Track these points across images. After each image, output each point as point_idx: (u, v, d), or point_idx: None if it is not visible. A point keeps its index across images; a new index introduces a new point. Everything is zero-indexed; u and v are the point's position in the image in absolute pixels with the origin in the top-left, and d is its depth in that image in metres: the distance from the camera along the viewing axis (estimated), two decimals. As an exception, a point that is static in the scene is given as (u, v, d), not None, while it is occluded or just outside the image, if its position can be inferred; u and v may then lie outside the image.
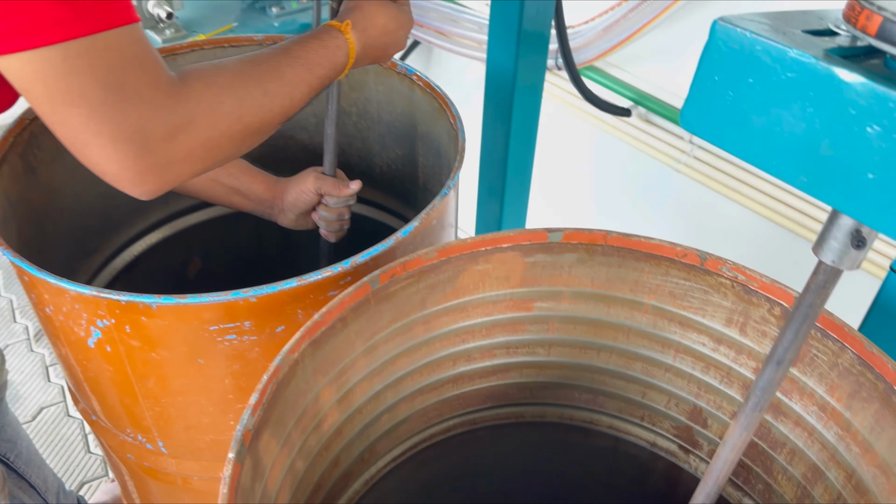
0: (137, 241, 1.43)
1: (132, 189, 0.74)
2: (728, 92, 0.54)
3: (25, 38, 0.63)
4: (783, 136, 0.51)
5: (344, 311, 0.83)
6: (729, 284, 0.88)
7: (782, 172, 0.52)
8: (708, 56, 0.54)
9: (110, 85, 0.68)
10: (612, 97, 1.72)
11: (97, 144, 0.69)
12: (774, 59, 0.50)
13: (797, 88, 0.50)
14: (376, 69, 1.30)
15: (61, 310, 0.89)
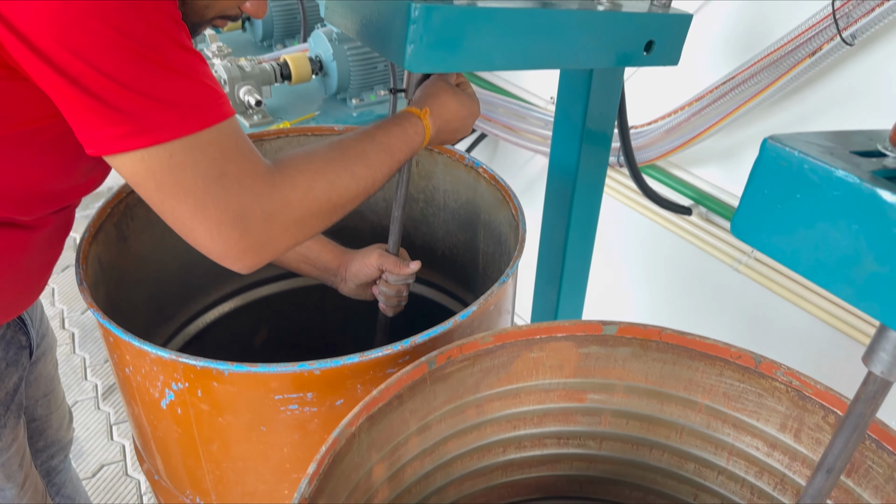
0: (211, 310, 1.51)
1: (234, 265, 0.83)
2: (777, 205, 0.57)
3: (136, 139, 0.72)
4: (829, 249, 0.54)
5: (401, 389, 0.87)
6: (783, 389, 0.89)
7: (828, 283, 0.55)
8: (758, 171, 0.58)
9: (213, 176, 0.76)
10: (673, 195, 1.75)
11: (203, 229, 0.78)
12: (821, 177, 0.54)
13: (842, 206, 0.53)
14: (445, 160, 1.38)
15: (140, 371, 0.95)
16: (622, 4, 1.18)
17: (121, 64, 0.68)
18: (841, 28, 1.26)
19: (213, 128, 0.76)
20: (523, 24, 1.02)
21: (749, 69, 1.43)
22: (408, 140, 1.00)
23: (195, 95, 0.74)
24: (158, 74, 0.71)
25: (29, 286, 1.03)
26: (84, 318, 2.59)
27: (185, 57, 0.73)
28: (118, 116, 0.70)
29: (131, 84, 0.69)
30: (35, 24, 0.66)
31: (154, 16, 0.70)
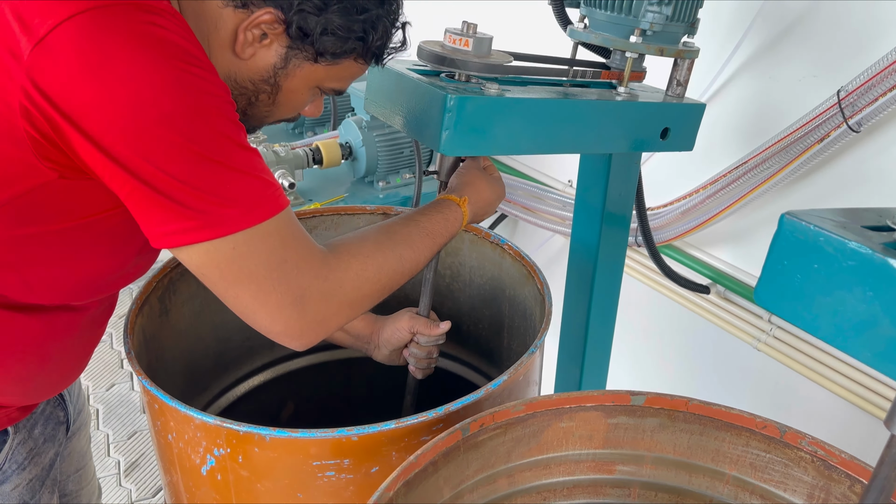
0: (242, 383, 1.55)
1: (292, 343, 0.90)
2: (796, 275, 0.62)
3: (202, 233, 0.79)
4: (847, 315, 0.59)
5: (436, 455, 0.90)
6: (809, 459, 0.91)
7: (848, 347, 0.59)
8: (777, 244, 0.63)
9: (274, 263, 0.83)
10: (690, 275, 1.80)
11: (265, 312, 0.85)
12: (836, 248, 0.59)
13: (857, 275, 0.58)
14: (471, 238, 1.44)
15: (183, 437, 0.99)
16: (638, 95, 1.26)
17: (187, 166, 0.76)
18: (847, 116, 1.34)
19: (272, 219, 0.83)
20: (547, 113, 1.10)
21: (761, 154, 1.50)
22: (448, 226, 1.08)
23: (255, 190, 0.81)
24: (221, 173, 0.78)
25: (73, 365, 1.07)
26: (108, 395, 2.62)
27: (244, 155, 0.81)
28: (186, 212, 0.77)
29: (197, 183, 0.77)
30: (109, 132, 0.73)
31: (217, 121, 0.78)
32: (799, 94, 1.48)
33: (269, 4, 0.85)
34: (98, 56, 0.71)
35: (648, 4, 1.18)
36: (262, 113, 0.98)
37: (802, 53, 1.47)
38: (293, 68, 0.92)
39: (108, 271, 0.96)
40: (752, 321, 1.69)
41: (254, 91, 0.93)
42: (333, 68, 0.94)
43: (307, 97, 0.98)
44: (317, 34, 0.88)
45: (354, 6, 0.88)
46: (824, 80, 1.43)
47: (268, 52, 0.90)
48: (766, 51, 1.53)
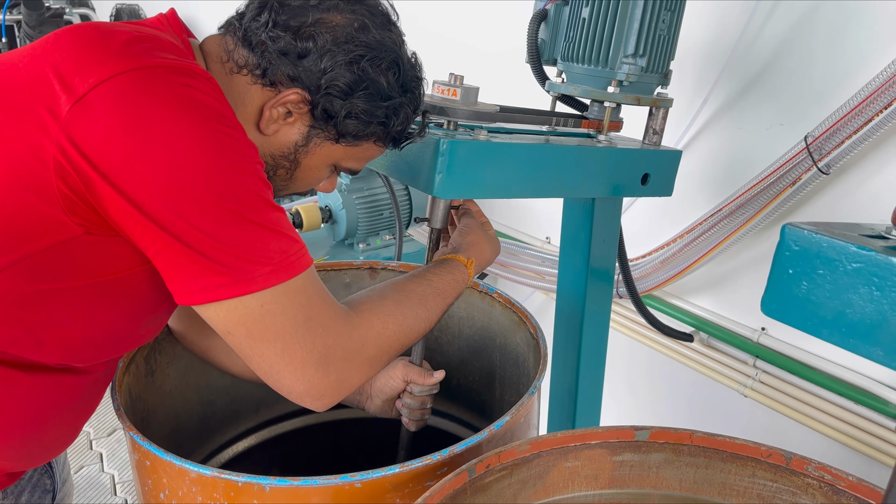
0: (227, 448, 1.49)
1: (314, 404, 0.89)
2: (801, 282, 0.64)
3: (230, 290, 0.79)
4: (855, 316, 0.60)
5: (444, 499, 0.87)
6: (816, 485, 0.90)
7: (859, 348, 0.60)
8: (781, 253, 0.65)
9: (300, 321, 0.83)
10: (673, 323, 1.82)
11: (289, 370, 0.85)
12: (839, 252, 0.61)
13: (862, 276, 0.60)
14: (460, 290, 1.44)
15: (177, 493, 0.95)
16: (617, 143, 1.31)
17: (221, 224, 0.76)
18: (816, 159, 1.40)
19: (299, 277, 0.83)
20: (534, 158, 1.13)
21: (736, 200, 1.55)
22: (457, 286, 1.10)
23: (283, 248, 0.82)
24: (253, 231, 0.79)
25: (68, 431, 1.04)
26: (77, 477, 2.51)
27: (273, 214, 0.82)
28: (217, 268, 0.77)
29: (229, 240, 0.77)
30: (145, 189, 0.74)
31: (249, 180, 0.79)
32: (768, 142, 1.55)
33: (296, 85, 0.88)
34: (136, 115, 0.73)
35: (624, 57, 1.24)
36: (278, 186, 1.00)
37: (769, 103, 1.54)
38: (314, 146, 0.94)
39: (120, 332, 0.95)
40: (737, 367, 1.71)
41: (273, 166, 0.95)
42: (352, 149, 0.96)
43: (324, 174, 1.00)
44: (341, 117, 0.90)
45: (380, 93, 0.91)
46: (791, 128, 1.50)
47: (291, 130, 0.92)
48: (733, 103, 1.61)
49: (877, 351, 0.59)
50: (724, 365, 1.73)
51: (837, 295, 0.61)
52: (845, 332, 0.61)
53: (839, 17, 1.40)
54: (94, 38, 0.76)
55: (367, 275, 1.52)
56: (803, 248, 0.63)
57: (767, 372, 1.64)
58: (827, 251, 0.62)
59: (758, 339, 1.64)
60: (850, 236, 0.63)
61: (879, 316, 0.58)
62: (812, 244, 0.63)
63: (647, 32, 1.22)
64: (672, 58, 1.30)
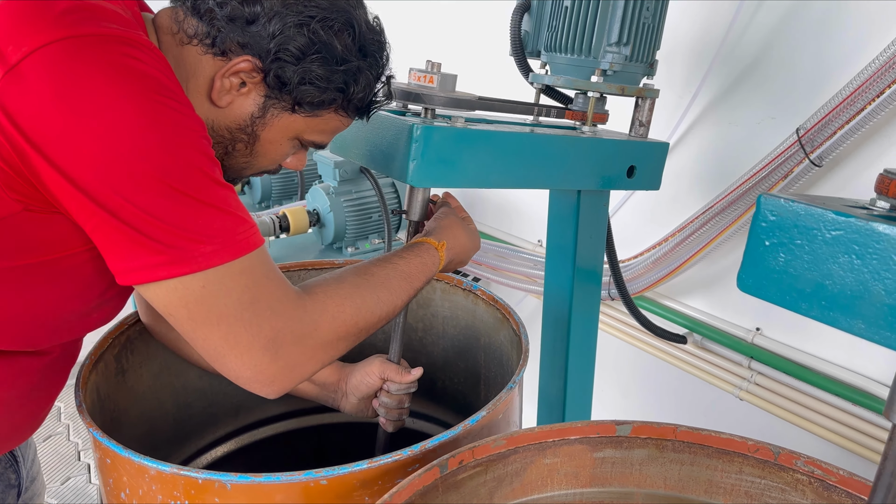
0: (204, 454, 1.45)
1: (263, 390, 0.84)
2: (780, 254, 0.60)
3: (169, 269, 0.75)
4: (835, 288, 0.56)
5: (412, 496, 0.83)
6: (806, 480, 0.86)
7: (840, 322, 0.56)
8: (757, 225, 0.61)
9: (245, 303, 0.79)
10: (665, 325, 1.77)
11: (234, 355, 0.80)
12: (817, 220, 0.57)
13: (842, 244, 0.56)
14: (443, 287, 1.40)
15: (137, 492, 0.90)
16: (602, 134, 1.27)
17: (158, 199, 0.73)
18: (808, 151, 1.36)
19: (245, 257, 0.79)
20: (514, 146, 1.10)
21: (727, 196, 1.52)
22: (425, 269, 1.05)
23: (228, 227, 0.78)
24: (194, 208, 0.75)
25: (29, 417, 1.00)
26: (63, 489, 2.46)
27: (218, 190, 0.78)
28: (155, 247, 0.74)
29: (168, 217, 0.74)
30: (78, 162, 0.70)
31: (191, 154, 0.76)
32: (759, 136, 1.51)
33: (246, 52, 0.84)
34: (70, 84, 0.70)
35: (607, 45, 1.21)
36: (239, 163, 0.96)
37: (759, 97, 1.51)
38: (271, 118, 0.90)
39: (67, 314, 0.91)
40: (731, 369, 1.66)
41: (230, 140, 0.92)
42: (314, 120, 0.92)
43: (286, 149, 0.96)
44: (294, 83, 0.86)
45: (334, 57, 0.87)
46: (782, 121, 1.47)
47: (245, 101, 0.89)
48: (724, 97, 1.57)
49: (858, 324, 0.55)
50: (718, 367, 1.69)
51: (816, 266, 0.57)
52: (825, 305, 0.57)
53: (827, 7, 1.37)
54: (29, 7, 0.73)
55: (350, 274, 1.48)
56: (780, 217, 0.60)
57: (763, 373, 1.60)
58: (804, 219, 0.58)
59: (752, 339, 1.60)
60: (829, 203, 0.59)
61: (860, 286, 0.55)
62: (789, 213, 0.59)
63: (630, 20, 1.19)
64: (657, 47, 1.26)
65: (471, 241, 1.15)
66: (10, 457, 1.06)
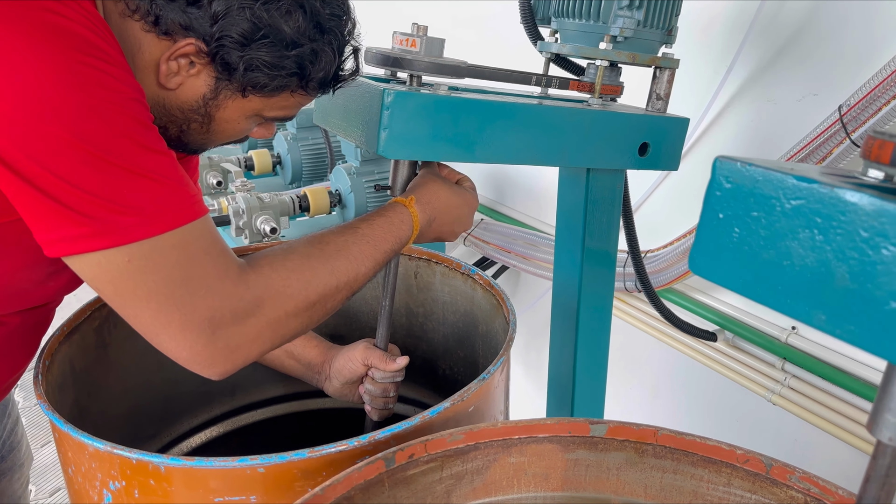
0: (196, 434, 1.42)
1: (203, 371, 0.79)
2: (734, 229, 0.50)
3: (92, 242, 0.70)
4: (794, 270, 0.46)
5: (351, 490, 0.76)
6: (801, 499, 0.75)
7: (798, 311, 0.46)
8: (711, 194, 0.52)
9: (177, 280, 0.73)
10: (695, 321, 1.65)
11: (167, 334, 0.75)
12: (776, 187, 0.47)
13: (803, 216, 0.46)
14: (442, 270, 1.33)
15: (80, 469, 0.87)
16: (613, 107, 1.17)
17: (78, 167, 0.68)
18: (849, 131, 1.22)
19: (178, 230, 0.74)
20: (503, 117, 1.01)
21: (760, 180, 1.38)
22: (393, 230, 0.96)
23: (158, 197, 0.73)
24: (118, 177, 0.70)
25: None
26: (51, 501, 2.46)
27: (150, 159, 0.73)
28: (76, 218, 0.69)
29: (88, 186, 0.69)
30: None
31: (116, 119, 0.70)
32: (800, 115, 1.37)
33: (191, 35, 0.78)
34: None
35: (618, 9, 1.10)
36: (197, 140, 0.91)
37: (800, 73, 1.37)
38: (224, 99, 0.85)
39: (20, 282, 0.87)
40: (764, 370, 1.52)
41: (184, 119, 0.86)
42: (272, 99, 0.87)
43: (246, 125, 0.91)
44: (241, 70, 0.80)
45: (283, 41, 0.80)
46: (825, 98, 1.32)
47: (196, 82, 0.83)
48: (762, 73, 1.44)
49: (818, 315, 0.45)
50: (750, 368, 1.55)
51: (774, 242, 0.47)
52: (782, 290, 0.47)
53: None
54: None
55: (349, 254, 1.42)
56: (735, 185, 0.49)
57: (797, 376, 1.46)
58: (762, 187, 0.48)
59: (787, 338, 1.46)
60: (799, 168, 0.48)
61: (822, 268, 0.44)
62: (745, 179, 0.49)
63: (643, -19, 1.08)
64: (677, 12, 1.15)
65: (456, 195, 1.04)
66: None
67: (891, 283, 0.41)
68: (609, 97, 1.20)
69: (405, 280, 1.38)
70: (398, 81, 1.04)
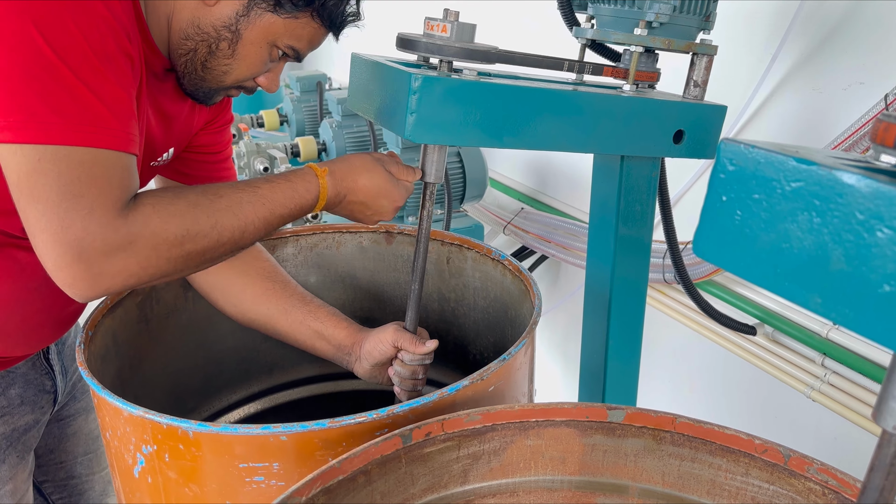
0: (235, 409, 1.47)
1: (64, 288, 0.82)
2: (736, 212, 0.50)
3: (10, 134, 0.75)
4: (793, 252, 0.46)
5: (368, 464, 0.79)
6: (819, 491, 0.74)
7: (796, 294, 0.46)
8: (716, 176, 0.51)
9: (70, 194, 0.77)
10: (735, 314, 1.62)
11: (41, 240, 0.79)
12: (777, 169, 0.47)
13: (801, 198, 0.45)
14: (473, 256, 1.34)
15: (117, 434, 0.92)
16: (648, 94, 1.15)
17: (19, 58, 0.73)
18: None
19: (93, 150, 0.78)
20: (532, 103, 1.01)
21: (802, 171, 1.35)
22: (295, 196, 0.98)
23: (91, 112, 0.78)
24: (57, 79, 0.75)
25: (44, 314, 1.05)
26: None
27: (103, 78, 0.78)
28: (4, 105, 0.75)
29: (23, 81, 0.74)
30: None
31: (92, 32, 0.76)
32: (846, 104, 1.33)
33: None
34: None
35: (654, -6, 1.09)
36: (221, 65, 0.98)
37: (846, 61, 1.32)
38: (254, 17, 0.94)
39: None
40: (804, 366, 1.49)
41: (215, 38, 0.95)
42: (292, 23, 0.95)
43: (265, 54, 0.98)
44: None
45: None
46: (872, 87, 1.28)
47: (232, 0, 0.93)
48: (807, 60, 1.40)
49: (815, 298, 0.44)
50: (789, 363, 1.52)
51: (773, 225, 0.47)
52: (781, 273, 0.46)
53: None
54: None
55: (384, 238, 1.44)
56: (739, 167, 0.49)
57: (837, 373, 1.42)
58: (764, 169, 0.47)
59: (827, 334, 1.42)
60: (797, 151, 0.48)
61: (819, 250, 0.44)
62: (748, 162, 0.49)
63: (681, -35, 1.06)
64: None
65: (377, 184, 1.04)
66: (46, 364, 1.12)
67: (885, 266, 0.40)
68: (645, 84, 1.19)
69: (437, 265, 1.39)
70: (429, 67, 1.05)
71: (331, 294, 1.47)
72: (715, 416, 1.77)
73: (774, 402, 1.61)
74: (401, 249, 1.44)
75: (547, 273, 2.33)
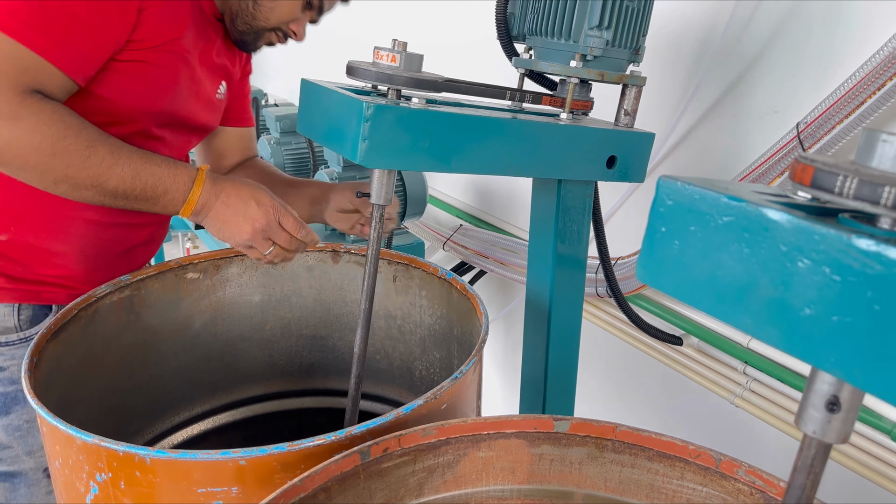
0: (178, 431, 1.46)
1: None
2: (674, 241, 0.56)
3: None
4: (725, 279, 0.52)
5: (329, 481, 0.81)
6: (748, 491, 0.81)
7: (729, 316, 0.52)
8: (655, 209, 0.57)
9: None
10: (664, 326, 1.71)
11: None
12: (710, 204, 0.53)
13: (732, 231, 0.51)
14: (420, 274, 1.38)
15: (68, 462, 0.91)
16: (583, 122, 1.22)
17: None
18: (806, 147, 1.29)
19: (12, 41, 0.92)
20: (477, 130, 1.06)
21: (724, 192, 1.44)
22: (167, 184, 1.06)
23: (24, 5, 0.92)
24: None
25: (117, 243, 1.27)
26: None
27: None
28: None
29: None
30: None
31: None
32: (761, 131, 1.44)
33: None
34: None
35: (588, 29, 1.16)
36: (265, 10, 1.20)
37: (762, 90, 1.43)
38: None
39: None
40: (727, 373, 1.59)
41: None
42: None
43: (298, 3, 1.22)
44: None
45: None
46: (786, 116, 1.39)
47: None
48: (728, 91, 1.50)
49: (746, 319, 0.50)
50: (713, 371, 1.61)
51: (708, 255, 0.53)
52: (716, 297, 0.52)
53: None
54: None
55: (330, 258, 1.47)
56: (676, 202, 0.55)
57: (758, 380, 1.52)
58: (699, 204, 0.53)
59: (748, 343, 1.52)
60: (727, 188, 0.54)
61: (748, 277, 0.50)
62: (685, 197, 0.54)
63: (613, 3, 1.14)
64: (644, 32, 1.21)
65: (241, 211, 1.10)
66: None
67: (805, 293, 0.46)
68: (580, 112, 1.26)
69: (384, 284, 1.43)
70: (378, 94, 1.09)
71: (276, 313, 1.48)
72: (647, 422, 1.86)
73: (701, 408, 1.71)
74: (347, 269, 1.47)
75: (486, 287, 2.39)
